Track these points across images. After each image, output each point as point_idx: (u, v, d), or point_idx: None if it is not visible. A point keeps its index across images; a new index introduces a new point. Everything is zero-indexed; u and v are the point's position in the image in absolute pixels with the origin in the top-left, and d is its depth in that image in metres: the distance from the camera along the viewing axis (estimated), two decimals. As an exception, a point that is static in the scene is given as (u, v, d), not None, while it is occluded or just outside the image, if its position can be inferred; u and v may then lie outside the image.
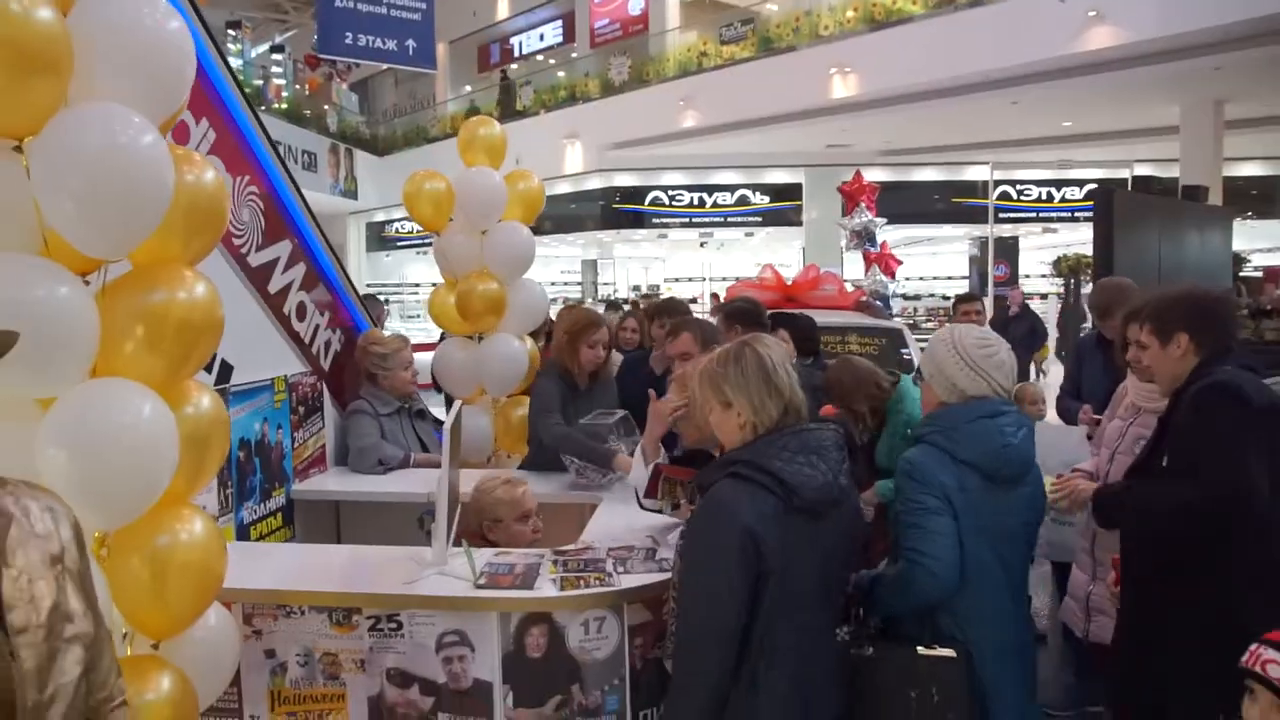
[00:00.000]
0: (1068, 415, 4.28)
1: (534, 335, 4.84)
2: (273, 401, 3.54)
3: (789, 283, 7.35)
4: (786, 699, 2.04)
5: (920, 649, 2.24)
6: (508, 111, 20.56)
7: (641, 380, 3.93)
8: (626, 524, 2.91)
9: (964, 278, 22.16)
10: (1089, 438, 3.62)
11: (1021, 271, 21.92)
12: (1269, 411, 2.41)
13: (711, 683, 2.00)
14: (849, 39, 14.95)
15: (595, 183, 20.89)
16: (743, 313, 3.72)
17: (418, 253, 24.61)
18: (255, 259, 3.50)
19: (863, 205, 8.90)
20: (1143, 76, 12.42)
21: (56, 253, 1.87)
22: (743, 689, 2.02)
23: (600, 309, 7.79)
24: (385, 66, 20.82)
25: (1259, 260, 16.32)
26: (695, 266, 24.23)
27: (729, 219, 21.66)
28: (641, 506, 2.93)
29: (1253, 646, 1.89)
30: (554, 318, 4.56)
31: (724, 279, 20.41)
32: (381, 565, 2.64)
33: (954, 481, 2.29)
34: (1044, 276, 21.18)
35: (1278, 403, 2.46)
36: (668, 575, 2.36)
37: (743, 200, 21.54)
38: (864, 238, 8.81)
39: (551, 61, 24.07)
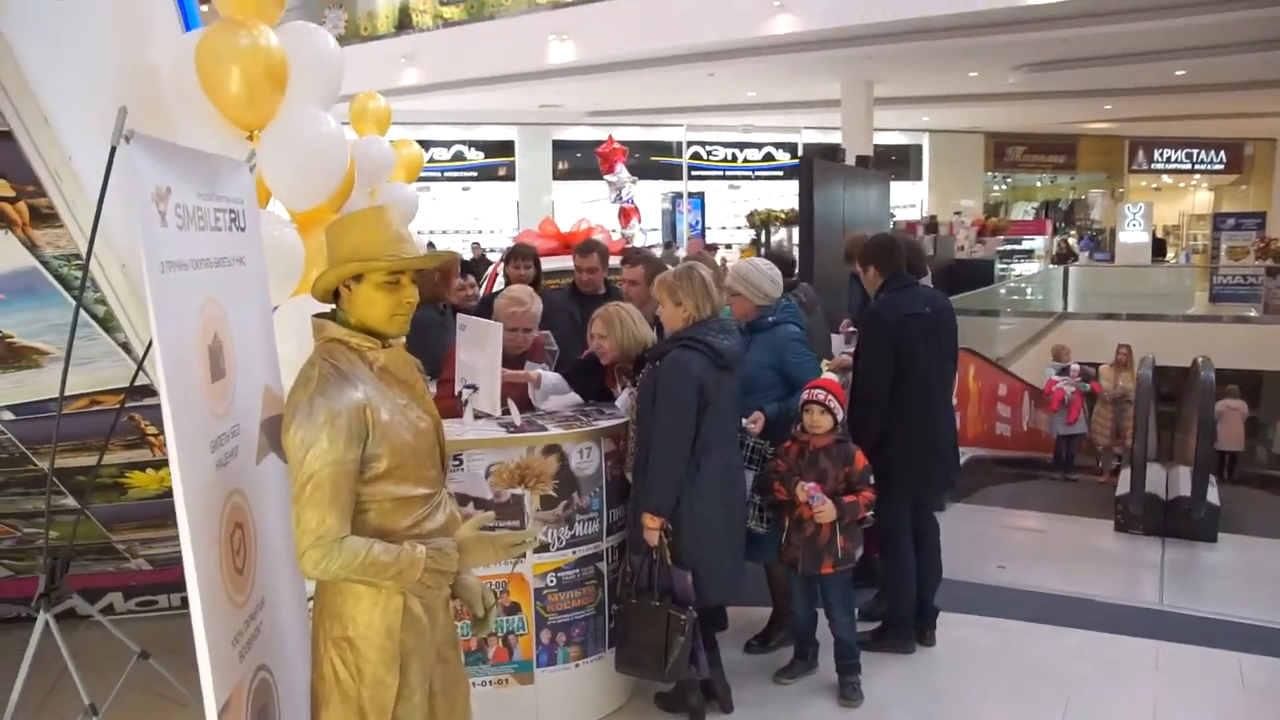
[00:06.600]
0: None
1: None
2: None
3: (565, 232, 8.60)
4: (720, 473, 3.41)
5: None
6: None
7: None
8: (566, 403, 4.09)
9: (654, 230, 24.40)
10: (847, 340, 5.38)
11: (707, 223, 24.63)
12: (902, 319, 4.01)
13: (679, 465, 3.30)
14: (569, 8, 16.15)
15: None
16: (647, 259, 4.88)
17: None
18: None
19: (620, 165, 10.26)
20: (813, 59, 14.86)
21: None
22: (692, 472, 3.33)
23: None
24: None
25: (900, 215, 19.84)
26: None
27: (446, 174, 22.32)
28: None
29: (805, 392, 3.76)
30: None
31: (444, 232, 21.14)
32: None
33: None
34: (724, 228, 23.70)
35: (905, 310, 4.02)
36: (624, 420, 3.59)
37: (459, 156, 22.27)
38: (621, 194, 10.20)
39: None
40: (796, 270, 5.50)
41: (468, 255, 14.40)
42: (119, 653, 3.27)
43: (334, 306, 2.12)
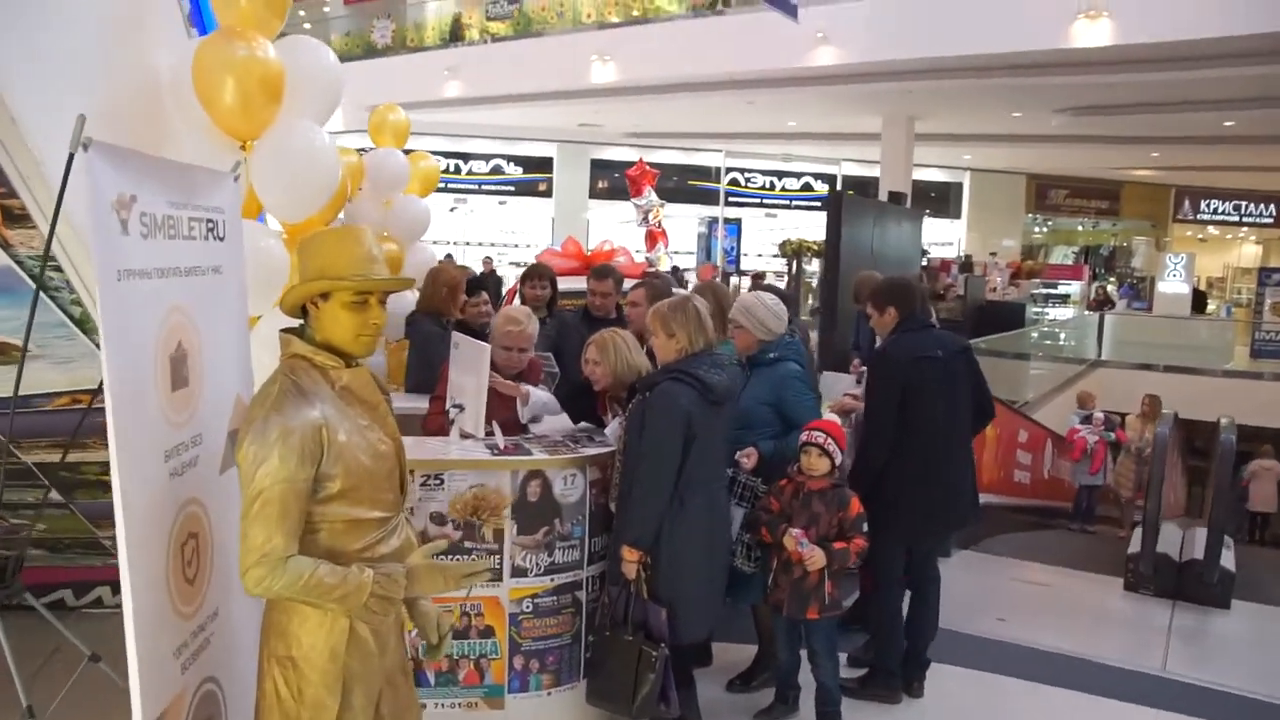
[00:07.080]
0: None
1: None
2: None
3: (587, 253, 8.59)
4: (704, 510, 3.35)
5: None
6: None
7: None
8: (557, 427, 4.06)
9: (690, 253, 24.37)
10: (858, 380, 5.30)
11: (743, 250, 24.56)
12: (913, 361, 3.98)
13: (661, 498, 3.24)
14: (613, 29, 16.26)
15: (349, 143, 20.79)
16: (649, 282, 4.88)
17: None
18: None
19: (649, 188, 10.26)
20: (854, 91, 14.80)
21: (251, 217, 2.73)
22: (675, 506, 3.27)
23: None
24: None
25: (936, 252, 19.66)
26: (444, 231, 24.64)
27: (483, 186, 22.49)
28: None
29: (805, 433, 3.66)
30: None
31: (480, 244, 21.30)
32: (421, 444, 3.56)
33: None
34: (759, 255, 23.63)
35: (917, 352, 4.00)
36: (611, 449, 3.55)
37: (497, 169, 22.42)
38: (648, 217, 10.20)
39: (301, 13, 23.48)
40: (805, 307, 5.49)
41: (478, 269, 14.45)
42: (93, 646, 3.28)
43: (303, 322, 2.11)
